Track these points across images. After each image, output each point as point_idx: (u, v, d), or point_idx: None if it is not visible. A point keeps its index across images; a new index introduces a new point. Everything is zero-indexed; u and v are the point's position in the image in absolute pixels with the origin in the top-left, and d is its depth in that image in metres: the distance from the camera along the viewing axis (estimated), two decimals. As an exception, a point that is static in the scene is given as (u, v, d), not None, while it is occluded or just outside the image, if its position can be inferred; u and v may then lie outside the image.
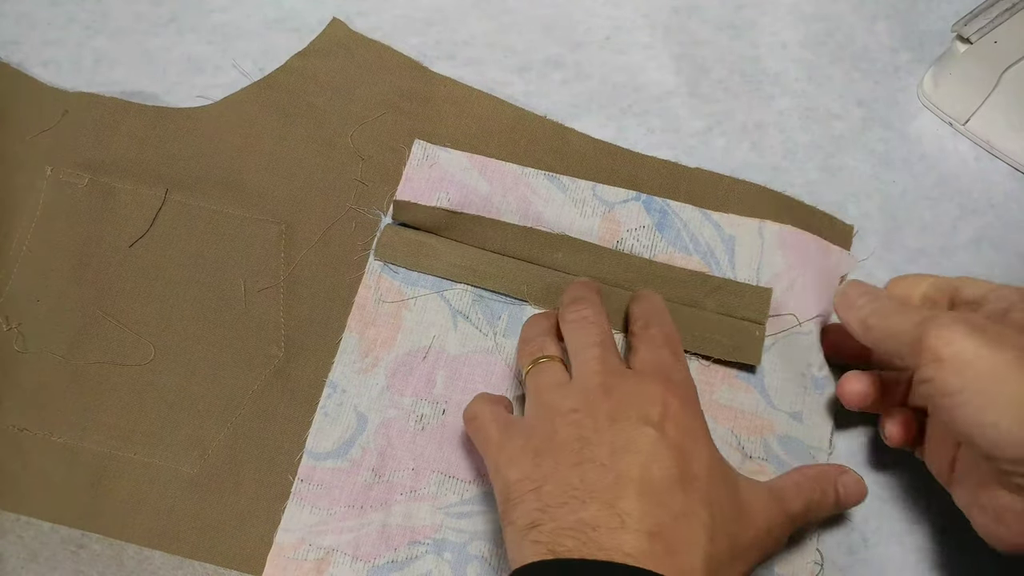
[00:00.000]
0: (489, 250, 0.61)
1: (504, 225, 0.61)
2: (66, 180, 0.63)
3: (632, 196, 0.63)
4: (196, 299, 0.61)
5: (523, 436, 0.50)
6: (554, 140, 0.65)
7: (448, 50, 0.67)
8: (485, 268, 0.60)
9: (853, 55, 0.68)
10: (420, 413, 0.58)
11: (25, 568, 0.56)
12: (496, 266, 0.60)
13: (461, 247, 0.61)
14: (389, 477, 0.57)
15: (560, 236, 0.61)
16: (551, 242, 0.61)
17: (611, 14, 0.69)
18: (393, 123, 0.65)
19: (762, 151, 0.65)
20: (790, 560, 0.56)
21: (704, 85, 0.67)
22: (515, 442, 0.50)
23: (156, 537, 0.57)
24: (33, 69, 0.66)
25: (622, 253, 0.61)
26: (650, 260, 0.61)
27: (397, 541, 0.56)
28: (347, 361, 0.60)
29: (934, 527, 0.57)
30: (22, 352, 0.60)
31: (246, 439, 0.58)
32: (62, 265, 0.62)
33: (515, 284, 0.60)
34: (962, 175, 0.65)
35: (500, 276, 0.60)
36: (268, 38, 0.68)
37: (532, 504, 0.47)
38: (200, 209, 0.63)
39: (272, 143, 0.64)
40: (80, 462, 0.58)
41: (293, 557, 0.56)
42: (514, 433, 0.50)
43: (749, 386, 0.59)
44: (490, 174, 0.63)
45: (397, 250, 0.61)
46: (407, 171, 0.63)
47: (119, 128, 0.64)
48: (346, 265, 0.62)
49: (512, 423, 0.52)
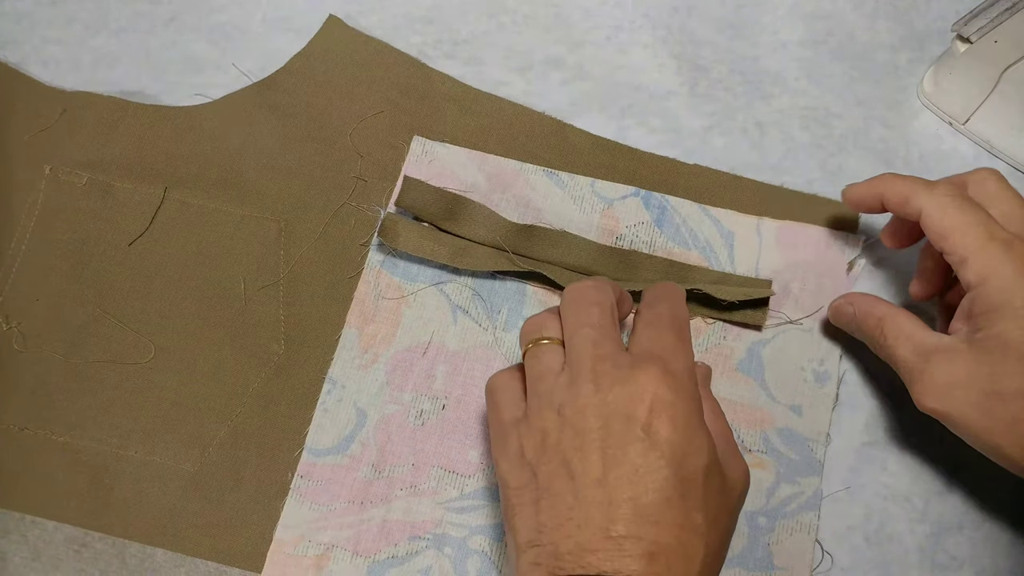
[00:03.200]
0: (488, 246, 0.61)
1: (505, 222, 0.61)
2: (65, 179, 0.63)
3: (631, 192, 0.63)
4: (196, 297, 0.61)
5: (521, 437, 0.49)
6: (553, 136, 0.65)
7: (448, 49, 0.68)
8: (486, 259, 0.60)
9: (853, 54, 0.68)
10: (420, 408, 0.58)
11: (28, 567, 0.56)
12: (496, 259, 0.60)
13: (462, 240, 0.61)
14: (389, 473, 0.57)
15: (561, 232, 0.61)
16: (551, 239, 0.61)
17: (611, 14, 0.69)
18: (392, 120, 0.65)
19: (762, 151, 0.65)
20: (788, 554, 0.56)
21: (704, 85, 0.67)
22: (512, 444, 0.49)
23: (158, 535, 0.57)
24: (33, 68, 0.67)
25: (623, 249, 0.61)
26: (650, 255, 0.61)
27: (397, 536, 0.56)
28: (347, 357, 0.59)
29: (935, 526, 0.57)
30: (22, 351, 0.60)
31: (246, 436, 0.58)
32: (61, 264, 0.62)
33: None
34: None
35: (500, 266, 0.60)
36: (268, 38, 0.68)
37: (530, 519, 0.46)
38: (199, 207, 0.63)
39: (271, 141, 0.64)
40: (81, 461, 0.58)
41: (293, 553, 0.56)
42: (514, 432, 0.49)
43: (749, 379, 0.59)
44: (489, 170, 0.63)
45: (400, 234, 0.61)
46: (406, 167, 0.63)
47: (118, 127, 0.65)
48: (345, 262, 0.62)
49: (515, 420, 0.50)
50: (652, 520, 0.44)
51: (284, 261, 0.62)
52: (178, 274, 0.62)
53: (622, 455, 0.45)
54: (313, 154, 0.64)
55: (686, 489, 0.45)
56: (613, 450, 0.45)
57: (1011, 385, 0.49)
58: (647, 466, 0.45)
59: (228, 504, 0.57)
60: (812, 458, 0.58)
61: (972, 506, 0.57)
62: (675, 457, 0.45)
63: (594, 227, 0.62)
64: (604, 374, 0.47)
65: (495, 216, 0.61)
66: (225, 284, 0.61)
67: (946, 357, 0.51)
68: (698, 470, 0.45)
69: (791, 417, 0.58)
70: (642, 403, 0.46)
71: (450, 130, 0.65)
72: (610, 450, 0.45)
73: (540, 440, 0.47)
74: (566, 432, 0.46)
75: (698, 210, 0.62)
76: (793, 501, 0.57)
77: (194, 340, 0.60)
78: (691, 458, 0.45)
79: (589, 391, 0.47)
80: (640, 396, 0.46)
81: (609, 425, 0.46)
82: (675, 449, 0.45)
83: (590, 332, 0.49)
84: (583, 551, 0.44)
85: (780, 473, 0.57)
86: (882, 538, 0.57)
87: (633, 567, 0.43)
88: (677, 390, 0.47)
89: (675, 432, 0.45)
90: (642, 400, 0.46)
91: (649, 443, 0.45)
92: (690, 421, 0.46)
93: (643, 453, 0.45)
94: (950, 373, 0.50)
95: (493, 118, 0.65)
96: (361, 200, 0.63)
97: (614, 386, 0.47)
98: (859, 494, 0.58)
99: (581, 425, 0.46)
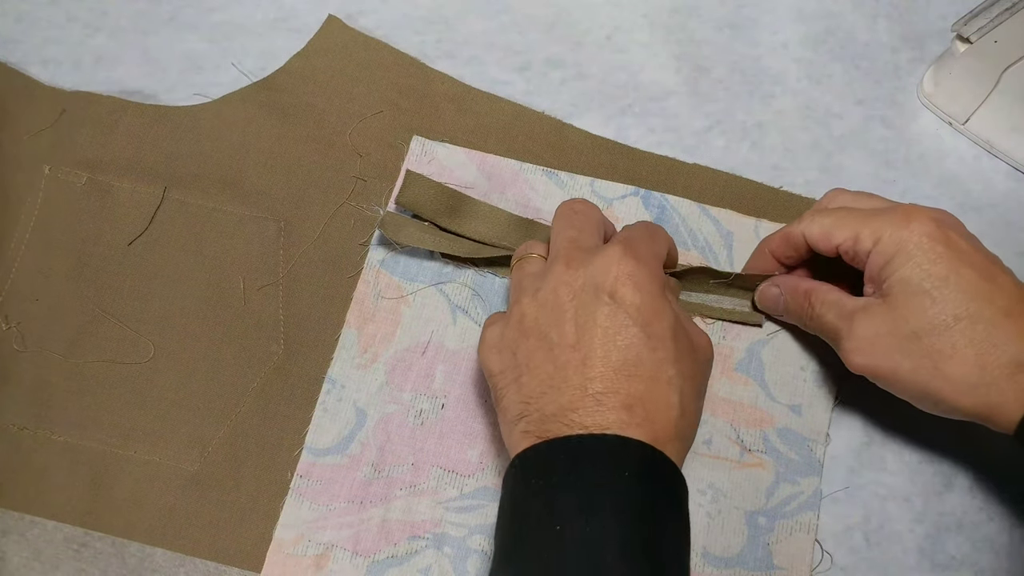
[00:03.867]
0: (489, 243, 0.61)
1: (506, 214, 0.61)
2: (64, 179, 0.63)
3: (631, 191, 0.63)
4: (195, 297, 0.61)
5: (500, 325, 0.53)
6: (552, 136, 0.65)
7: (448, 49, 0.68)
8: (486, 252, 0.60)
9: (853, 54, 0.68)
10: (419, 408, 0.58)
11: (28, 567, 0.56)
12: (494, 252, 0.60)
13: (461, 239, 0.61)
14: (388, 472, 0.57)
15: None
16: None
17: (611, 14, 0.69)
18: (391, 120, 0.65)
19: (762, 151, 0.65)
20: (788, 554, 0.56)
21: (704, 84, 0.67)
22: (494, 331, 0.53)
23: (157, 534, 0.57)
24: (33, 68, 0.67)
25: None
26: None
27: (397, 536, 0.56)
28: (346, 357, 0.60)
29: (934, 527, 0.57)
30: (22, 351, 0.60)
31: (246, 436, 0.58)
32: (61, 264, 0.62)
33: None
34: (962, 174, 0.65)
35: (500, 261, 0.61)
36: (268, 37, 0.68)
37: (515, 396, 0.51)
38: (199, 207, 0.63)
39: (271, 141, 0.64)
40: (81, 460, 0.58)
41: (293, 553, 0.56)
42: (494, 322, 0.54)
43: (748, 379, 0.59)
44: (488, 170, 0.63)
45: (400, 228, 0.61)
46: (406, 167, 0.63)
47: (117, 127, 0.65)
48: (345, 261, 0.62)
49: (497, 316, 0.55)
50: (625, 375, 0.48)
51: (283, 261, 0.62)
52: (178, 274, 0.62)
53: (592, 321, 0.49)
54: (313, 154, 0.64)
55: (655, 344, 0.49)
56: (584, 317, 0.50)
57: (920, 322, 0.51)
58: (615, 326, 0.49)
59: (228, 504, 0.57)
60: (812, 458, 0.58)
61: (972, 506, 0.57)
62: (641, 317, 0.49)
63: (594, 227, 0.62)
64: (575, 258, 0.52)
65: (496, 211, 0.61)
66: (224, 284, 0.61)
67: (865, 314, 0.53)
68: (665, 329, 0.50)
69: (791, 417, 0.58)
70: (607, 274, 0.50)
71: (449, 130, 0.65)
72: (581, 318, 0.50)
73: (518, 324, 0.52)
74: (542, 311, 0.51)
75: (697, 210, 0.62)
76: (793, 501, 0.57)
77: (194, 340, 0.60)
78: (656, 319, 0.50)
79: (560, 270, 0.51)
80: (606, 269, 0.50)
81: (579, 296, 0.50)
82: (641, 310, 0.49)
83: (570, 231, 0.54)
84: (565, 411, 0.48)
85: (780, 473, 0.57)
86: (881, 538, 0.57)
87: (612, 418, 0.47)
88: (639, 263, 0.51)
89: (639, 295, 0.50)
90: (607, 272, 0.50)
91: (615, 306, 0.49)
92: (652, 289, 0.50)
93: (611, 315, 0.49)
94: (870, 326, 0.53)
95: (492, 118, 0.65)
96: (360, 200, 0.63)
97: (582, 265, 0.51)
98: (858, 494, 0.58)
99: (554, 301, 0.51)
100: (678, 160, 0.64)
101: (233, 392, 0.59)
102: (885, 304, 0.53)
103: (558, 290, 0.51)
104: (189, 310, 0.61)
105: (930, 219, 0.52)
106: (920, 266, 0.51)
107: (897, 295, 0.52)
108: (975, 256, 0.52)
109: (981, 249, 0.53)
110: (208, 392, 0.59)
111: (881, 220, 0.53)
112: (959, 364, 0.50)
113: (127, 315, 0.61)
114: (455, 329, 0.60)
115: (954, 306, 0.50)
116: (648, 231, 0.55)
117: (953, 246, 0.51)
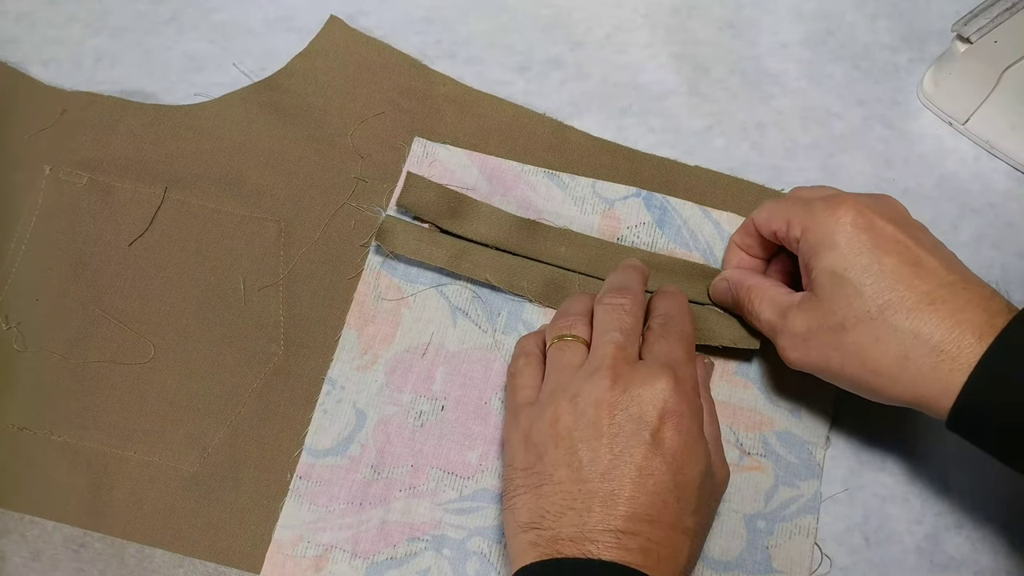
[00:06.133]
0: (490, 246, 0.61)
1: (508, 216, 0.61)
2: (65, 179, 0.63)
3: (632, 193, 0.63)
4: (195, 297, 0.61)
5: (531, 419, 0.52)
6: (553, 138, 0.65)
7: (449, 49, 0.68)
8: (486, 262, 0.60)
9: (853, 54, 0.68)
10: (419, 410, 0.58)
11: (27, 567, 0.56)
12: (497, 261, 0.60)
13: (462, 241, 0.61)
14: (388, 474, 0.57)
15: (563, 230, 0.61)
16: (554, 236, 0.61)
17: (611, 14, 0.69)
18: (393, 121, 0.65)
19: (762, 151, 0.65)
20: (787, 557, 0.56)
21: (704, 85, 0.67)
22: (522, 425, 0.52)
23: (157, 535, 0.57)
24: (33, 68, 0.67)
25: (625, 247, 0.61)
26: (653, 252, 0.61)
27: (396, 538, 0.56)
28: (346, 358, 0.60)
29: (934, 527, 0.57)
30: (22, 351, 0.60)
31: (245, 437, 0.58)
32: (61, 264, 0.62)
33: (515, 280, 0.60)
34: (962, 175, 0.65)
35: (500, 270, 0.60)
36: (268, 37, 0.68)
37: (532, 503, 0.49)
38: (199, 207, 0.63)
39: (271, 141, 0.64)
40: (80, 461, 0.58)
41: (292, 554, 0.56)
42: (525, 414, 0.52)
43: (748, 382, 0.59)
44: (490, 171, 0.63)
45: (398, 237, 0.61)
46: (407, 168, 0.63)
47: (118, 127, 0.64)
48: (345, 262, 0.62)
49: (528, 402, 0.53)
50: (648, 520, 0.47)
51: (284, 262, 0.62)
52: (178, 274, 0.62)
53: (628, 455, 0.48)
54: (313, 154, 0.64)
55: (682, 494, 0.48)
56: (621, 448, 0.48)
57: (845, 314, 0.51)
58: (650, 469, 0.48)
59: (227, 505, 0.57)
60: (811, 461, 0.58)
61: (971, 506, 0.58)
62: (676, 464, 0.48)
63: (595, 228, 0.62)
64: (621, 373, 0.50)
65: (498, 212, 0.61)
66: (225, 284, 0.61)
67: (798, 309, 0.53)
68: (694, 477, 0.49)
69: (791, 420, 0.58)
70: (654, 408, 0.49)
71: (450, 131, 0.65)
72: (618, 448, 0.48)
73: (550, 425, 0.50)
74: (579, 422, 0.49)
75: (699, 212, 0.62)
76: (792, 504, 0.57)
77: (193, 340, 0.60)
78: (689, 466, 0.49)
79: (605, 385, 0.50)
80: (653, 401, 0.49)
81: (620, 423, 0.49)
82: (677, 457, 0.48)
83: (618, 336, 0.52)
84: (583, 540, 0.47)
85: (779, 476, 0.57)
86: (881, 539, 0.57)
87: (628, 559, 0.46)
88: (686, 401, 0.50)
89: (679, 441, 0.49)
90: (654, 405, 0.49)
91: (655, 447, 0.48)
92: (692, 432, 0.49)
93: (648, 456, 0.48)
94: (802, 322, 0.53)
95: (493, 119, 0.65)
96: (361, 201, 0.63)
97: (629, 386, 0.49)
98: (858, 495, 0.58)
99: (593, 417, 0.49)
100: (680, 162, 0.64)
101: (233, 393, 0.59)
102: (815, 297, 0.52)
103: (599, 408, 0.49)
104: (189, 310, 0.61)
105: (854, 206, 0.52)
106: (844, 256, 0.51)
107: (824, 286, 0.52)
108: (899, 241, 0.51)
109: (912, 233, 0.52)
110: (208, 393, 0.59)
111: (812, 208, 0.53)
112: (882, 356, 0.50)
113: (127, 315, 0.61)
114: (455, 331, 0.60)
115: (877, 295, 0.50)
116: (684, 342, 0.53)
117: (877, 232, 0.51)
